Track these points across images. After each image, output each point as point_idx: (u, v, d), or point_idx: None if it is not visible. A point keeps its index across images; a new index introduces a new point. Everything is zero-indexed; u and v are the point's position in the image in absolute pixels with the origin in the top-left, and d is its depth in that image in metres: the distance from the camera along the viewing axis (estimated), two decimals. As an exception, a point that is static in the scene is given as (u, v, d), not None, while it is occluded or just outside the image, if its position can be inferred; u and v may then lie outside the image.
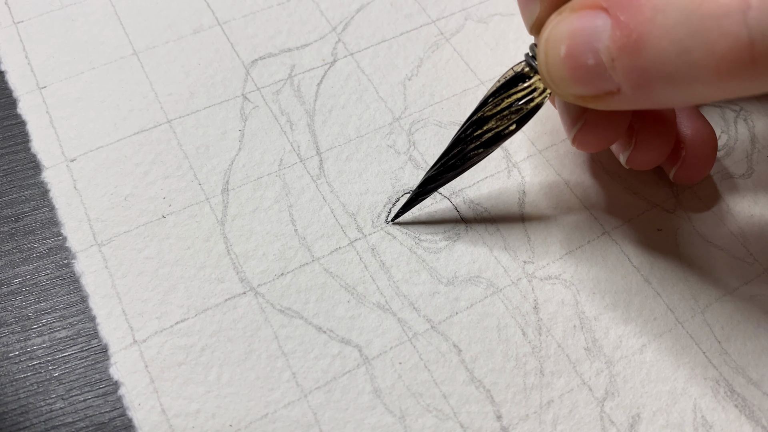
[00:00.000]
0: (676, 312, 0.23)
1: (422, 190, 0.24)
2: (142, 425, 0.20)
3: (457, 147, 0.22)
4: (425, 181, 0.23)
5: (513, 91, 0.21)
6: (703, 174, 0.24)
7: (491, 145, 0.22)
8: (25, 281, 0.23)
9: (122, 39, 0.28)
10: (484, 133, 0.22)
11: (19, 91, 0.27)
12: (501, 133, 0.22)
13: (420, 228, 0.24)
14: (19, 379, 0.21)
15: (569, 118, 0.22)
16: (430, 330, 0.22)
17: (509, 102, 0.21)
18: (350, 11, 0.30)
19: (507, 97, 0.21)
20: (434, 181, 0.23)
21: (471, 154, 0.22)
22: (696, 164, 0.24)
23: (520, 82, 0.21)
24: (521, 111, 0.21)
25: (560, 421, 0.21)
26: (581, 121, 0.21)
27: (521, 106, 0.21)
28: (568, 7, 0.18)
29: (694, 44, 0.15)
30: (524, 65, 0.21)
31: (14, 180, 0.25)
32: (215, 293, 0.23)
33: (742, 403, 0.22)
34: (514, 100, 0.21)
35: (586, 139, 0.22)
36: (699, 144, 0.24)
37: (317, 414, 0.21)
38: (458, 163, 0.23)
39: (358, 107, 0.27)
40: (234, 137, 0.26)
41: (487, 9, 0.30)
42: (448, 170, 0.23)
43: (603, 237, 0.24)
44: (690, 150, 0.24)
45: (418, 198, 0.24)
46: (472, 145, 0.22)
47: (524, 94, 0.21)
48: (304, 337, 0.22)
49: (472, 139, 0.22)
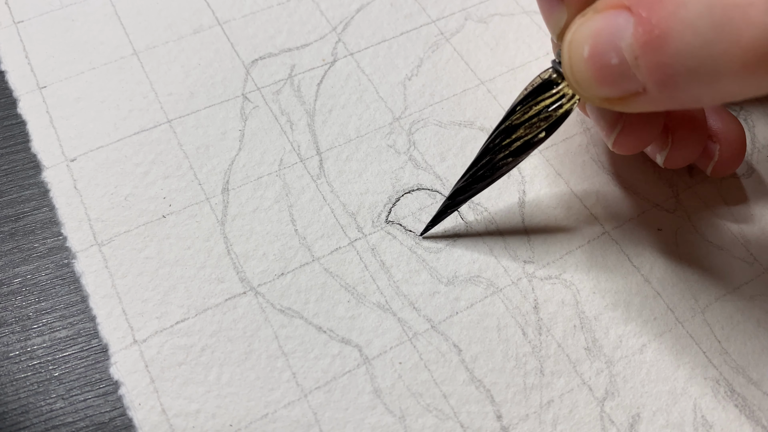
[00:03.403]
0: (676, 312, 0.23)
1: (452, 201, 0.23)
2: (142, 425, 0.20)
3: (486, 157, 0.22)
4: (454, 193, 0.23)
5: (541, 98, 0.21)
6: (738, 164, 0.25)
7: (521, 154, 0.21)
8: (26, 281, 0.23)
9: (122, 39, 0.28)
10: (513, 141, 0.21)
11: (19, 91, 0.27)
12: (530, 141, 0.21)
13: (420, 228, 0.24)
14: (19, 379, 0.21)
15: (606, 124, 0.22)
16: (430, 330, 0.22)
17: (538, 109, 0.21)
18: (350, 11, 0.30)
19: (535, 105, 0.21)
20: (464, 192, 0.23)
21: (500, 164, 0.22)
22: (731, 156, 0.24)
23: (548, 89, 0.21)
24: (550, 118, 0.21)
25: (560, 421, 0.21)
26: (620, 125, 0.21)
27: (550, 113, 0.21)
28: (592, 9, 0.18)
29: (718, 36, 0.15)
30: (551, 72, 0.21)
31: (14, 180, 0.25)
32: (215, 293, 0.23)
33: (742, 403, 0.22)
34: (543, 107, 0.21)
35: (626, 142, 0.22)
36: (731, 135, 0.24)
37: (317, 414, 0.21)
38: (487, 174, 0.22)
39: (358, 107, 0.27)
40: (234, 137, 0.26)
41: (487, 9, 0.30)
42: (477, 181, 0.22)
43: (603, 237, 0.24)
44: (724, 143, 0.24)
45: (447, 210, 0.23)
46: (501, 155, 0.22)
47: (553, 100, 0.21)
48: (304, 337, 0.22)
49: (500, 149, 0.22)
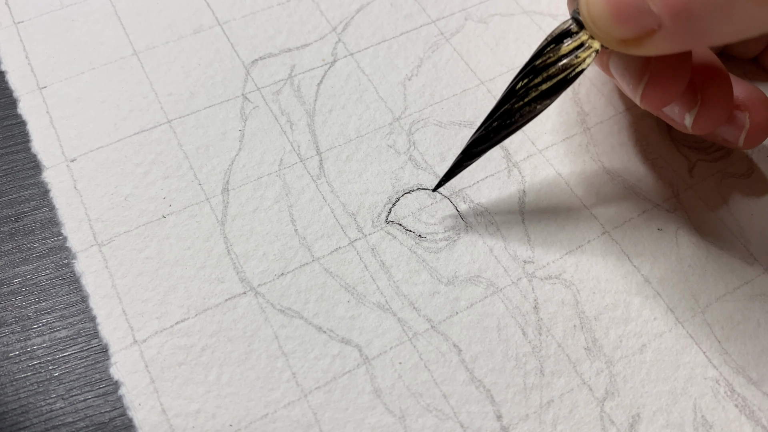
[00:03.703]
0: (676, 312, 0.23)
1: (468, 153, 0.23)
2: (142, 425, 0.20)
3: (504, 105, 0.22)
4: (470, 145, 0.22)
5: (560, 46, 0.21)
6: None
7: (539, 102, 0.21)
8: (25, 281, 0.23)
9: (122, 39, 0.28)
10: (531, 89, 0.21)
11: (19, 91, 0.27)
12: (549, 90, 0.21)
13: (420, 228, 0.24)
14: (19, 379, 0.21)
15: (632, 77, 0.22)
16: (430, 330, 0.22)
17: (556, 57, 0.21)
18: (350, 11, 0.30)
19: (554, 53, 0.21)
20: (481, 143, 0.22)
21: (518, 113, 0.21)
22: (762, 123, 0.24)
23: (566, 39, 0.21)
24: (568, 67, 0.21)
25: (560, 421, 0.21)
26: (646, 77, 0.21)
27: (568, 62, 0.21)
28: None
29: None
30: (571, 22, 0.21)
31: (14, 180, 0.25)
32: (215, 293, 0.23)
33: (742, 403, 0.22)
34: (561, 54, 0.21)
35: (653, 95, 0.21)
36: (759, 102, 0.24)
37: (317, 414, 0.21)
38: (504, 124, 0.22)
39: (358, 107, 0.27)
40: (234, 137, 0.26)
41: (487, 9, 0.30)
42: (495, 131, 0.22)
43: (603, 237, 0.24)
44: (753, 110, 0.24)
45: (464, 163, 0.23)
46: (519, 104, 0.21)
47: (571, 49, 0.20)
48: (304, 337, 0.22)
49: (518, 97, 0.21)
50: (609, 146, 0.27)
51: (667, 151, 0.27)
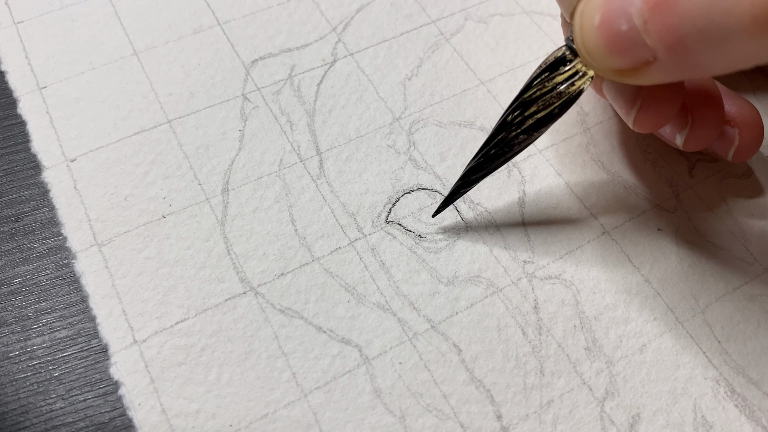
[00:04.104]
0: (676, 312, 0.23)
1: (465, 180, 0.23)
2: (142, 425, 0.20)
3: (500, 134, 0.22)
4: (467, 172, 0.23)
5: (555, 75, 0.21)
6: (759, 146, 0.25)
7: (534, 131, 0.21)
8: (25, 281, 0.23)
9: (122, 39, 0.28)
10: (527, 119, 0.21)
11: (19, 91, 0.27)
12: (544, 119, 0.21)
13: (420, 228, 0.24)
14: (19, 379, 0.21)
15: (625, 102, 0.22)
16: (430, 330, 0.22)
17: (551, 85, 0.21)
18: (350, 11, 0.30)
19: (549, 81, 0.21)
20: (477, 171, 0.23)
21: (514, 141, 0.22)
22: (751, 139, 0.24)
23: (561, 66, 0.21)
24: (563, 95, 0.21)
25: (560, 421, 0.21)
26: (638, 102, 0.21)
27: (563, 90, 0.21)
28: None
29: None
30: (565, 49, 0.21)
31: (14, 180, 0.25)
32: (215, 293, 0.23)
33: (742, 403, 0.22)
34: (556, 83, 0.21)
35: (646, 119, 0.21)
36: (749, 119, 0.24)
37: (317, 414, 0.21)
38: (500, 152, 0.22)
39: (358, 107, 0.27)
40: (234, 137, 0.26)
41: (487, 9, 0.30)
42: (491, 159, 0.22)
43: (603, 237, 0.24)
44: (743, 126, 0.24)
45: (460, 190, 0.23)
46: (515, 132, 0.22)
47: (566, 77, 0.21)
48: (304, 337, 0.22)
49: (514, 126, 0.22)
50: (609, 146, 0.27)
51: (667, 151, 0.27)
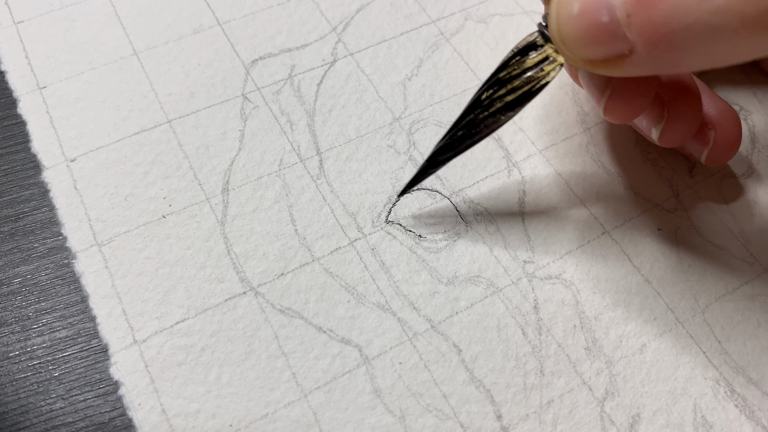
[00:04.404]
0: (676, 312, 0.23)
1: (432, 161, 0.23)
2: (142, 425, 0.20)
3: (469, 115, 0.22)
4: (435, 152, 0.23)
5: (525, 59, 0.21)
6: (734, 151, 0.24)
7: (502, 114, 0.21)
8: (25, 281, 0.23)
9: (122, 39, 0.28)
10: (495, 101, 0.21)
11: (19, 91, 0.27)
12: (512, 103, 0.21)
13: (420, 228, 0.24)
14: (19, 379, 0.21)
15: (596, 89, 0.21)
16: (430, 330, 0.22)
17: (521, 69, 0.21)
18: (350, 11, 0.30)
19: (519, 66, 0.21)
20: (445, 151, 0.23)
21: (482, 123, 0.22)
22: (727, 143, 0.24)
23: (531, 51, 0.21)
24: (532, 80, 0.21)
25: (560, 421, 0.21)
26: (609, 90, 0.21)
27: (532, 75, 0.21)
28: None
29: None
30: (537, 35, 0.21)
31: (14, 180, 0.25)
32: (215, 293, 0.23)
33: (742, 403, 0.22)
34: (526, 68, 0.21)
35: (616, 108, 0.21)
36: (726, 122, 0.23)
37: (317, 414, 0.21)
38: (467, 134, 0.22)
39: (358, 107, 0.27)
40: (234, 137, 0.26)
41: (487, 9, 0.30)
42: (459, 141, 0.22)
43: (603, 237, 0.24)
44: (719, 129, 0.23)
45: (428, 171, 0.23)
46: (483, 114, 0.21)
47: (535, 62, 0.20)
48: (304, 337, 0.22)
49: (483, 108, 0.21)
50: (609, 146, 0.27)
51: (667, 151, 0.27)
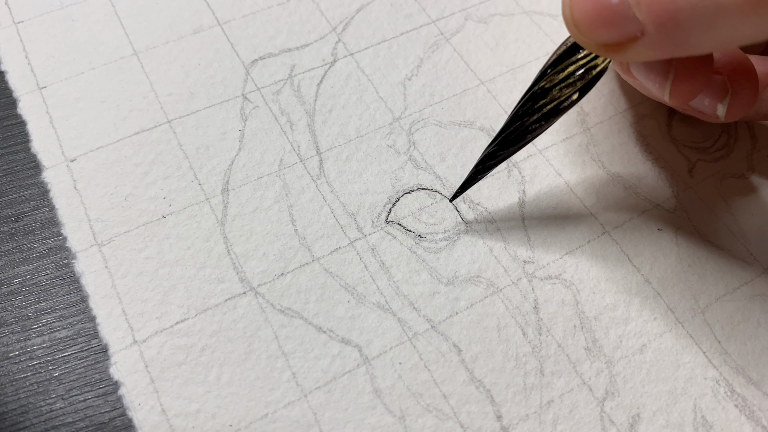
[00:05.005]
0: (676, 312, 0.23)
1: (482, 167, 0.23)
2: (142, 425, 0.20)
3: (517, 122, 0.22)
4: (484, 158, 0.23)
5: (571, 61, 0.21)
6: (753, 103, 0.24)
7: (552, 117, 0.21)
8: (25, 281, 0.23)
9: (122, 39, 0.28)
10: (544, 105, 0.21)
11: (19, 91, 0.27)
12: (562, 104, 0.21)
13: (420, 228, 0.24)
14: (19, 379, 0.21)
15: (657, 76, 0.22)
16: (430, 330, 0.22)
17: (569, 72, 0.21)
18: (350, 11, 0.30)
19: (567, 67, 0.21)
20: (493, 157, 0.23)
21: (531, 127, 0.22)
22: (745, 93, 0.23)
23: (577, 51, 0.21)
24: (583, 79, 0.21)
25: (560, 421, 0.21)
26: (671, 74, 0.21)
27: (582, 74, 0.21)
28: None
29: None
30: None
31: (14, 180, 0.25)
32: (215, 293, 0.23)
33: (742, 403, 0.22)
34: (574, 69, 0.21)
35: (682, 89, 0.21)
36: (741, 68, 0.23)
37: (317, 414, 0.21)
38: (518, 138, 0.22)
39: (358, 107, 0.27)
40: (234, 137, 0.26)
41: (487, 9, 0.30)
42: (508, 145, 0.22)
43: (603, 237, 0.24)
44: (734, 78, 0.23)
45: (477, 176, 0.23)
46: (534, 118, 0.22)
47: (584, 62, 0.21)
48: (304, 337, 0.22)
49: (533, 112, 0.22)
50: (609, 146, 0.27)
51: (667, 151, 0.27)
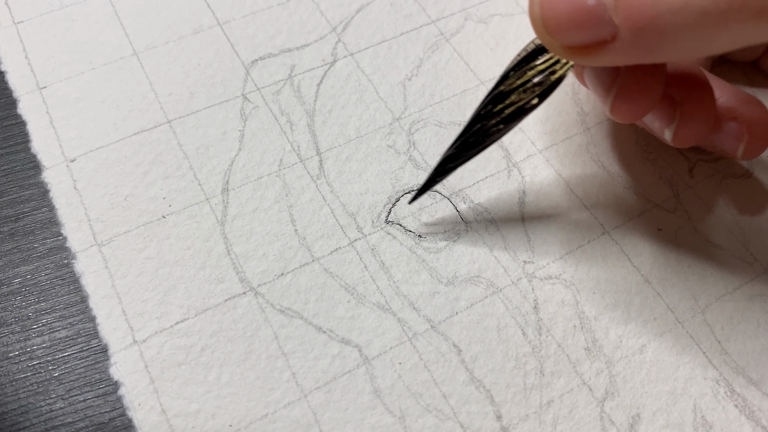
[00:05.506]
0: (676, 312, 0.23)
1: (442, 169, 0.23)
2: (142, 425, 0.20)
3: (477, 124, 0.22)
4: (444, 161, 0.23)
5: (534, 65, 0.21)
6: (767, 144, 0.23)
7: (512, 121, 0.21)
8: (25, 281, 0.23)
9: (122, 39, 0.28)
10: (505, 108, 0.21)
11: (19, 91, 0.27)
12: (523, 108, 0.21)
13: (420, 228, 0.24)
14: (19, 379, 0.21)
15: (602, 87, 0.21)
16: (430, 330, 0.22)
17: (530, 75, 0.21)
18: (350, 11, 0.30)
19: (528, 71, 0.21)
20: (454, 159, 0.22)
21: (492, 130, 0.21)
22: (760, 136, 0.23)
23: (539, 56, 0.20)
24: (543, 84, 0.21)
25: (560, 421, 0.21)
26: (615, 88, 0.20)
27: (543, 79, 0.20)
28: None
29: None
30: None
31: (14, 180, 0.25)
32: (215, 293, 0.23)
33: (742, 403, 0.22)
34: (536, 73, 0.21)
35: (622, 107, 0.21)
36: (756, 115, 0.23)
37: (317, 414, 0.21)
38: (478, 141, 0.22)
39: (358, 107, 0.27)
40: (234, 137, 0.26)
41: (487, 9, 0.30)
42: (468, 148, 0.22)
43: (603, 237, 0.24)
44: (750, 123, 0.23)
45: (437, 179, 0.23)
46: (493, 121, 0.21)
47: (546, 66, 0.20)
48: (304, 337, 0.22)
49: (492, 115, 0.21)
50: (609, 146, 0.27)
51: (667, 151, 0.27)
